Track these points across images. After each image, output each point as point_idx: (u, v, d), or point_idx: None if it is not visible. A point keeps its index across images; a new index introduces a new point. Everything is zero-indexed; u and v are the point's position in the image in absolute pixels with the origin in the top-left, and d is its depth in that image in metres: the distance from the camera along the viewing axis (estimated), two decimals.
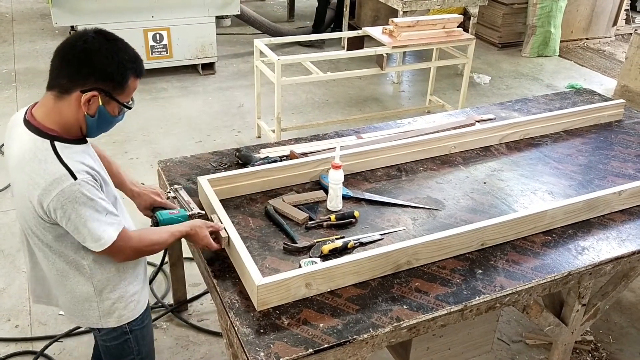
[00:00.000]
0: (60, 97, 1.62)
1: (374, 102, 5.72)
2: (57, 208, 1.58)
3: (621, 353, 2.94)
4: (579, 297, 2.29)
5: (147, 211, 2.11)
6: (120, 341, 1.93)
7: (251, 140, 4.84)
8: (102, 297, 1.83)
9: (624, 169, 2.77)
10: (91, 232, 1.63)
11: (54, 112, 1.64)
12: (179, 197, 2.20)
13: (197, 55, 5.99)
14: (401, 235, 2.21)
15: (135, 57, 1.69)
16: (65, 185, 1.56)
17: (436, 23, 4.72)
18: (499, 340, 2.94)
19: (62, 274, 1.77)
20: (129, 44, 1.70)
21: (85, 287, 1.80)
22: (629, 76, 5.80)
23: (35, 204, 1.60)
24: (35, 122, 1.64)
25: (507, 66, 6.81)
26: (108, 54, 1.61)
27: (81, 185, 1.58)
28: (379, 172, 2.64)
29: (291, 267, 1.98)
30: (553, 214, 2.26)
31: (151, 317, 2.08)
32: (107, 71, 1.61)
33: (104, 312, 1.85)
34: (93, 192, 1.62)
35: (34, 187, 1.58)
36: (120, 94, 1.67)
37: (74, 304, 1.83)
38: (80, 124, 1.66)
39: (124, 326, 1.90)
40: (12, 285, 3.19)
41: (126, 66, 1.65)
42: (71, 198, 1.57)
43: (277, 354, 1.66)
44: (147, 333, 2.01)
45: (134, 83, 1.69)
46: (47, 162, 1.58)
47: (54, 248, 1.72)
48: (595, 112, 3.19)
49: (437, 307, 1.88)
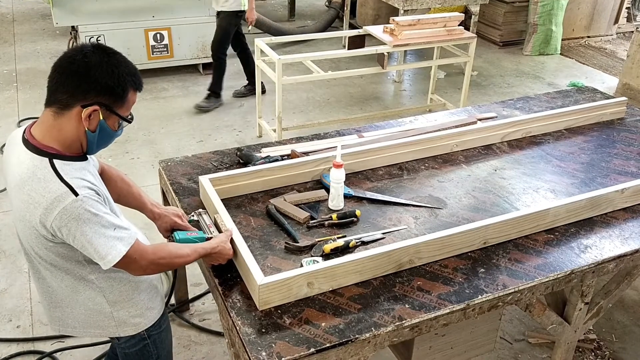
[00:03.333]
0: (60, 113, 1.59)
1: (375, 101, 5.72)
2: (61, 227, 1.55)
3: (624, 351, 2.93)
4: (581, 295, 2.28)
5: (167, 233, 2.08)
6: (139, 347, 1.91)
7: (252, 139, 4.84)
8: (117, 308, 1.81)
9: (626, 166, 2.76)
10: (97, 250, 1.59)
11: (53, 128, 1.61)
12: (201, 220, 2.16)
13: (197, 54, 5.99)
14: (403, 234, 2.21)
15: (134, 70, 1.68)
16: (67, 203, 1.53)
17: (437, 21, 4.71)
18: (502, 339, 2.93)
19: (73, 289, 1.75)
20: (127, 58, 1.69)
21: (97, 300, 1.78)
22: (631, 74, 5.78)
23: (37, 224, 1.57)
24: (33, 141, 1.61)
25: (508, 64, 6.80)
26: (108, 68, 1.60)
27: (83, 201, 1.54)
28: (380, 170, 2.64)
29: (293, 266, 1.98)
30: (555, 212, 2.25)
31: (169, 320, 2.06)
32: (107, 85, 1.60)
33: (120, 322, 1.83)
34: (97, 207, 1.58)
35: (35, 207, 1.55)
36: (120, 107, 1.65)
37: (89, 316, 1.81)
38: (80, 140, 1.64)
39: (142, 332, 1.88)
40: (13, 286, 3.19)
41: (126, 80, 1.63)
42: (74, 215, 1.53)
43: (279, 353, 1.66)
44: (166, 337, 2.00)
45: (133, 96, 1.68)
46: (47, 181, 1.55)
47: (59, 266, 1.70)
48: (597, 110, 3.18)
49: (439, 306, 1.87)
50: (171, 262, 1.79)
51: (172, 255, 1.79)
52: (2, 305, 3.06)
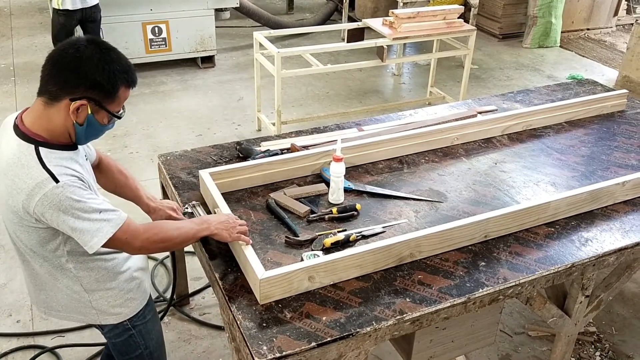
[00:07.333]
0: (50, 103, 1.61)
1: (374, 94, 5.70)
2: (44, 212, 1.57)
3: (624, 344, 2.94)
4: (582, 288, 2.28)
5: None
6: (124, 337, 1.93)
7: (251, 133, 4.83)
8: (95, 297, 1.82)
9: (627, 159, 2.76)
10: (82, 235, 1.60)
11: (43, 117, 1.62)
12: (195, 213, 2.17)
13: (196, 48, 5.96)
14: (403, 227, 2.20)
15: (128, 67, 1.67)
16: (47, 189, 1.54)
17: (436, 14, 4.69)
18: (502, 332, 2.94)
19: (52, 276, 1.77)
20: (123, 54, 1.68)
21: (75, 288, 1.80)
22: (631, 66, 5.77)
23: (20, 209, 1.59)
24: (23, 128, 1.63)
25: (507, 57, 6.78)
26: (99, 64, 1.59)
27: (64, 187, 1.55)
28: (380, 164, 2.63)
29: (293, 260, 1.97)
30: (556, 205, 2.25)
31: (156, 310, 2.07)
32: (97, 80, 1.59)
33: (100, 311, 1.85)
34: (79, 193, 1.58)
35: (18, 192, 1.57)
36: (110, 103, 1.65)
37: (70, 301, 1.83)
38: (69, 131, 1.65)
39: (125, 323, 1.90)
40: (13, 281, 3.19)
41: (117, 76, 1.63)
42: (55, 202, 1.55)
43: (279, 347, 1.66)
44: (152, 327, 2.01)
45: (124, 93, 1.67)
46: (30, 167, 1.57)
47: (38, 253, 1.72)
48: (598, 102, 3.17)
49: (440, 300, 1.87)
50: (166, 235, 1.78)
51: (166, 229, 1.79)
52: (2, 300, 3.06)
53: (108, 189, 2.08)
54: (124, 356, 1.98)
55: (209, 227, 1.89)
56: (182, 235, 1.83)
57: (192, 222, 1.89)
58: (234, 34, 7.20)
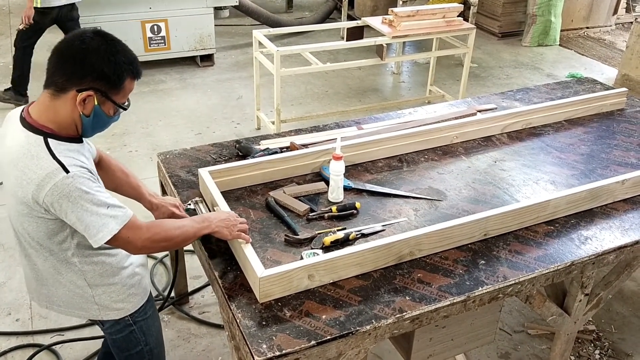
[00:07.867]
0: (56, 95, 1.62)
1: (373, 92, 5.70)
2: (53, 202, 1.58)
3: (623, 342, 2.94)
4: (581, 286, 2.28)
5: None
6: (125, 333, 1.93)
7: (251, 132, 4.83)
8: (98, 292, 1.83)
9: (626, 157, 2.76)
10: (88, 228, 1.61)
11: (50, 110, 1.64)
12: (198, 209, 2.17)
13: (195, 46, 5.96)
14: (403, 226, 2.20)
15: (133, 59, 1.69)
16: (57, 179, 1.55)
17: (436, 12, 4.69)
18: (501, 331, 2.94)
19: (56, 270, 1.78)
20: (127, 46, 1.70)
21: (79, 283, 1.80)
22: (630, 65, 5.77)
23: (29, 200, 1.59)
24: (30, 120, 1.64)
25: (507, 56, 6.78)
26: (105, 55, 1.61)
27: (74, 178, 1.57)
28: (380, 163, 2.63)
29: (293, 259, 1.97)
30: (556, 203, 2.25)
31: (156, 308, 2.07)
32: (103, 71, 1.61)
33: (102, 306, 1.85)
34: (88, 184, 1.60)
35: (28, 182, 1.58)
36: (116, 94, 1.67)
37: (72, 297, 1.83)
38: (75, 123, 1.66)
39: (127, 318, 1.90)
40: (12, 279, 3.18)
41: (123, 67, 1.65)
42: (65, 192, 1.56)
43: (279, 345, 1.66)
44: (152, 324, 2.01)
45: (130, 84, 1.69)
46: (40, 158, 1.58)
47: (44, 245, 1.72)
48: (597, 100, 3.17)
49: (439, 298, 1.87)
50: (167, 234, 1.78)
51: (168, 228, 1.79)
52: (1, 299, 3.06)
53: (109, 187, 2.08)
54: (123, 352, 1.99)
55: (210, 225, 1.89)
56: (183, 234, 1.83)
57: (193, 221, 1.89)
58: (233, 32, 7.19)
